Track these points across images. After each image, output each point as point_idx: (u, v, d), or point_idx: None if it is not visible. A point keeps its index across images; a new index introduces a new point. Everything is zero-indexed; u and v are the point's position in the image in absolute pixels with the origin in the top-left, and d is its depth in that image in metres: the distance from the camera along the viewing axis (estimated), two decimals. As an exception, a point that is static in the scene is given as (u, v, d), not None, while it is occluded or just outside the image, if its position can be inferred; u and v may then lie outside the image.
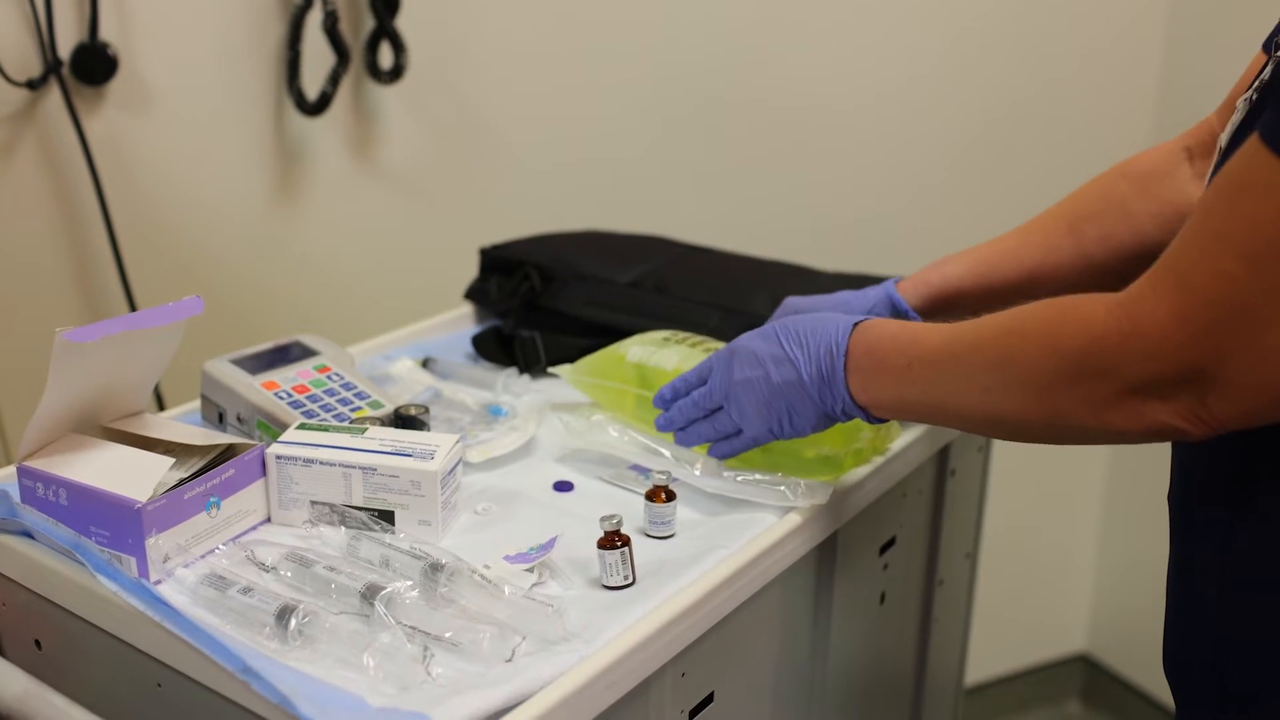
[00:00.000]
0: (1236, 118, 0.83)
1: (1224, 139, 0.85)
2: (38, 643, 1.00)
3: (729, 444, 1.06)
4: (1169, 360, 0.73)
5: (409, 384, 1.28)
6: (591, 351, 1.32)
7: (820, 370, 0.97)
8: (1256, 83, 0.84)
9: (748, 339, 1.03)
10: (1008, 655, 2.47)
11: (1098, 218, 1.10)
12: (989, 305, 1.12)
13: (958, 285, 1.14)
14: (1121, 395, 0.76)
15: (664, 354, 1.18)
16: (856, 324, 0.96)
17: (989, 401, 0.85)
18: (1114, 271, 1.09)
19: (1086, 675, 2.54)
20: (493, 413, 1.21)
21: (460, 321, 1.50)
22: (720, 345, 1.20)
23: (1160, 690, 2.36)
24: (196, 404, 1.22)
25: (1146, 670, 2.39)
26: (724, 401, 1.04)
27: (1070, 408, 0.79)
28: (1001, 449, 1.52)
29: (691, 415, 1.07)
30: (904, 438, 1.19)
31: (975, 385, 0.85)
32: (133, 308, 1.59)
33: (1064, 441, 0.86)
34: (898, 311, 1.15)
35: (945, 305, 1.15)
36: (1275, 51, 0.81)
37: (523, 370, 1.34)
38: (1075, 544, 2.45)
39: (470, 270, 1.51)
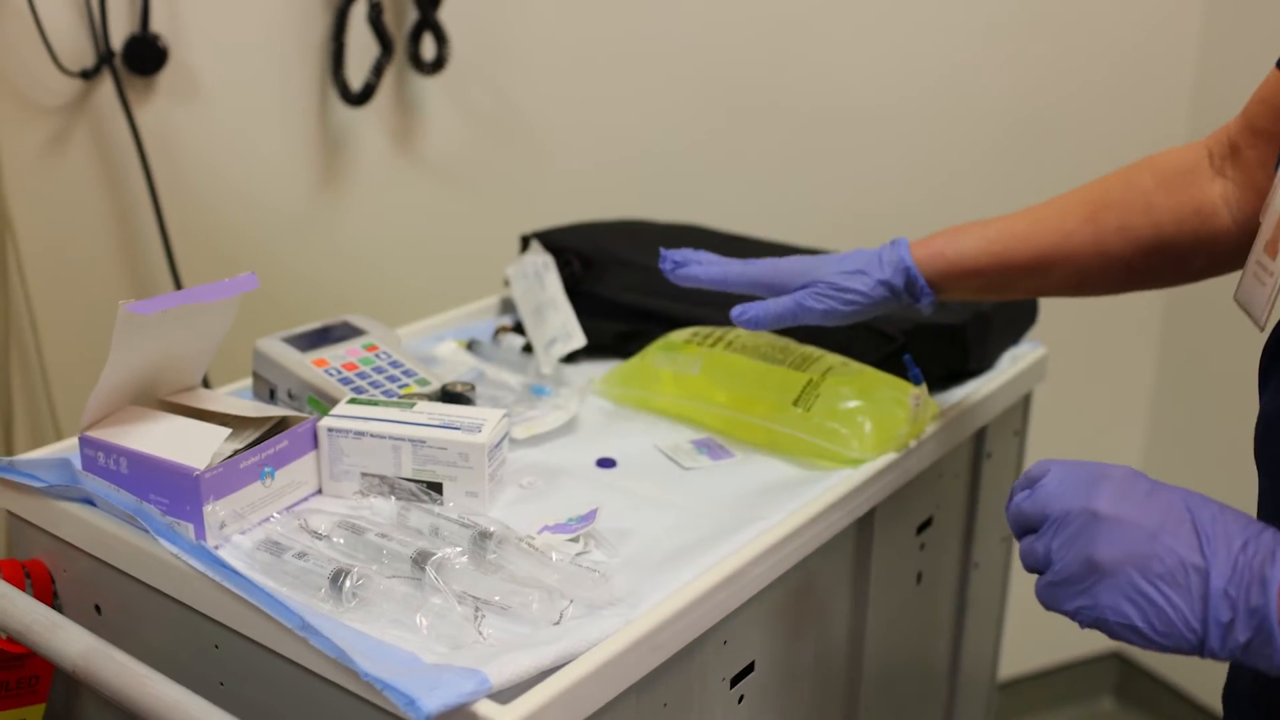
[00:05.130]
0: None
1: None
2: (97, 608, 1.03)
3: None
4: None
5: (453, 365, 1.30)
6: (631, 335, 1.35)
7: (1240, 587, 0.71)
8: None
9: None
10: (1041, 651, 2.47)
11: (1118, 207, 1.06)
12: (997, 287, 1.11)
13: (972, 263, 1.10)
14: None
15: (685, 359, 1.21)
16: None
17: None
18: (1125, 262, 1.07)
19: (1120, 672, 2.54)
20: (535, 392, 1.23)
21: (500, 306, 1.52)
22: (730, 333, 1.23)
23: (1193, 687, 2.36)
24: (241, 385, 1.25)
25: (1180, 667, 2.39)
26: (1046, 525, 0.77)
27: None
28: (1037, 437, 1.53)
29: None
30: (940, 419, 1.21)
31: None
32: (181, 293, 1.62)
33: None
34: (910, 282, 1.10)
35: (955, 281, 1.11)
36: None
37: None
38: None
39: (510, 257, 1.54)
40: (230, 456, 0.97)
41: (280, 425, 1.04)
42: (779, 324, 1.11)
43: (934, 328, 1.28)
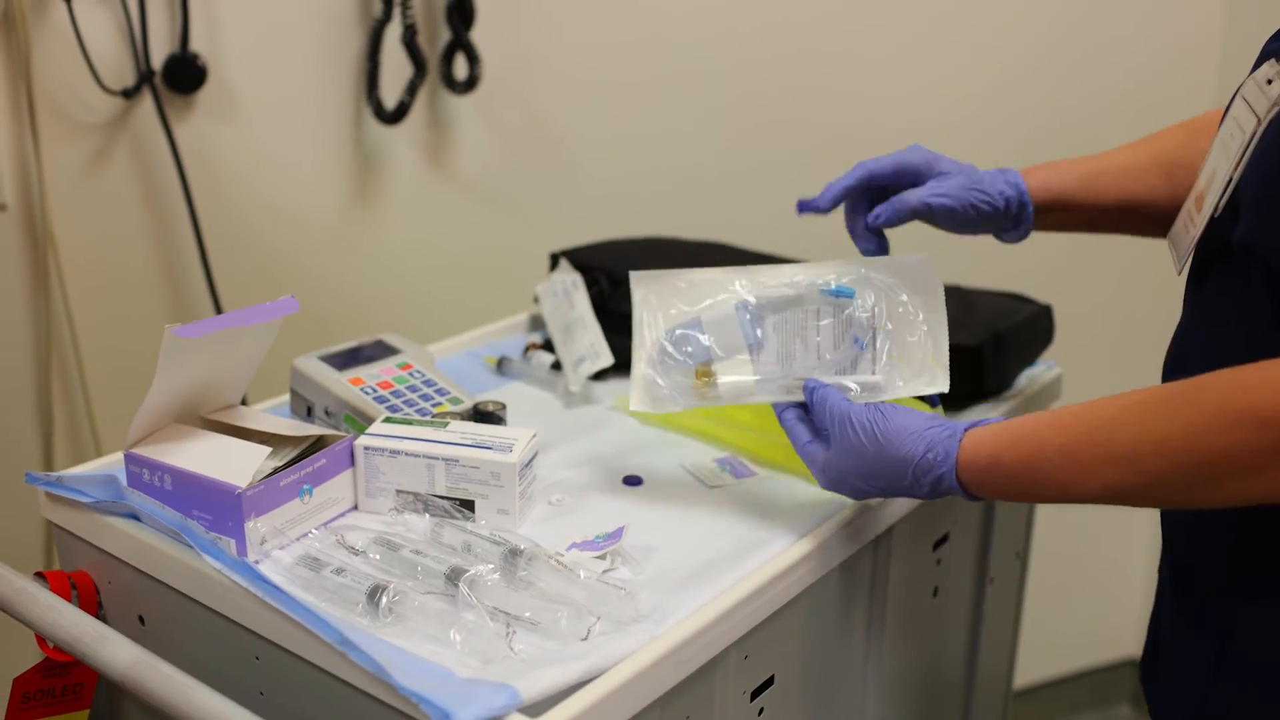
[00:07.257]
0: None
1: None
2: (141, 618, 1.07)
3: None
4: None
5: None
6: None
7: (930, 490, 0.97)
8: None
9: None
10: (1058, 659, 2.49)
11: (1188, 168, 1.10)
12: (1082, 224, 1.19)
13: (1070, 198, 1.16)
14: None
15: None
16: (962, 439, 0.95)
17: (1176, 499, 0.88)
18: None
19: (1137, 680, 2.55)
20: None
21: (530, 323, 1.56)
22: None
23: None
24: (278, 400, 1.29)
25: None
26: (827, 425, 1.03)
27: None
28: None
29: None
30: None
31: (1173, 494, 0.85)
32: (218, 307, 1.67)
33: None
34: (1021, 206, 1.16)
35: (1050, 213, 1.17)
36: None
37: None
38: (1127, 548, 2.46)
39: (540, 274, 1.57)
40: (270, 474, 1.01)
41: (318, 443, 1.08)
42: (910, 218, 1.18)
43: (951, 349, 1.30)
